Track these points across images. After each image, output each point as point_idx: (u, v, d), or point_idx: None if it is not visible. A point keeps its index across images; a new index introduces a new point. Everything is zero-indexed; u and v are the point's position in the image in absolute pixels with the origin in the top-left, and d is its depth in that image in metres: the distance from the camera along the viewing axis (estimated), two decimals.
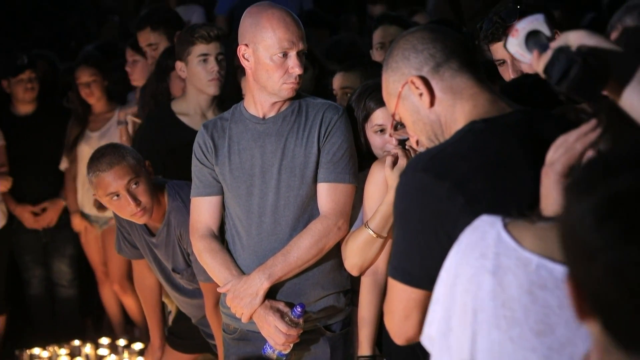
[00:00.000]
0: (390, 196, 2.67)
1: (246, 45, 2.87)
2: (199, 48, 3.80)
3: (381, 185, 2.75)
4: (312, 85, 3.88)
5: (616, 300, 1.10)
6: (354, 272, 2.85)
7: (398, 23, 4.27)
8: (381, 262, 2.79)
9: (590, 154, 1.53)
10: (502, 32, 2.77)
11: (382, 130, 2.90)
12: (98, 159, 3.27)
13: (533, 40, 1.69)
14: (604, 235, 1.10)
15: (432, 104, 1.97)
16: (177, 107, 3.96)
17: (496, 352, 1.49)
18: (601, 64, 1.53)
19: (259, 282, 2.88)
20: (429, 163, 1.88)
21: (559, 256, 1.44)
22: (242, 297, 2.89)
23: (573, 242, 1.15)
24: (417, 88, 1.97)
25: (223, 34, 3.92)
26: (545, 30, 1.69)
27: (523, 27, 1.71)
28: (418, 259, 1.88)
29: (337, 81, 3.52)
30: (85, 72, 4.90)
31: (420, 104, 1.98)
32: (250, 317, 2.91)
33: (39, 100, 5.09)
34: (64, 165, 5.04)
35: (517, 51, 1.73)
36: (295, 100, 2.94)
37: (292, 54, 2.83)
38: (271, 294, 2.92)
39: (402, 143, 2.80)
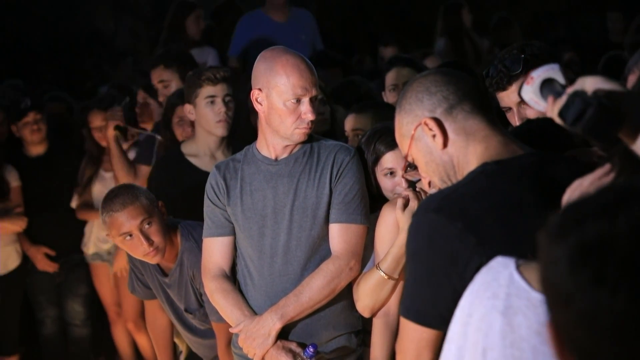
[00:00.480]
0: (402, 238, 2.67)
1: (259, 89, 2.90)
2: (206, 90, 3.84)
3: (392, 227, 2.75)
4: (330, 121, 3.92)
5: (591, 346, 1.11)
6: (366, 314, 2.85)
7: (411, 65, 4.30)
8: (393, 304, 2.79)
9: None
10: (506, 82, 2.77)
11: (392, 173, 2.92)
12: (111, 199, 3.29)
13: (548, 87, 1.70)
14: (576, 281, 1.12)
15: (445, 145, 1.99)
16: (186, 148, 4.01)
17: None
18: (617, 107, 1.54)
19: (271, 323, 2.89)
20: (441, 204, 1.89)
21: None
22: (254, 337, 2.90)
23: (549, 287, 1.17)
24: (430, 129, 1.99)
25: (230, 75, 3.97)
26: (560, 78, 1.70)
27: (538, 74, 1.73)
28: (430, 298, 1.89)
29: (349, 123, 3.55)
30: (98, 117, 4.94)
31: (433, 145, 2.00)
32: (262, 358, 2.92)
33: (49, 140, 5.13)
34: (74, 203, 5.07)
35: (531, 98, 1.74)
36: (307, 141, 2.97)
37: (305, 100, 2.86)
38: (283, 334, 2.93)
39: (412, 185, 2.82)
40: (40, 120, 5.02)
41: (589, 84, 1.61)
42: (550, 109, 1.66)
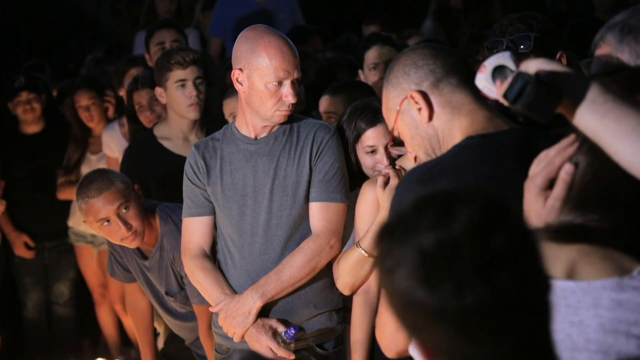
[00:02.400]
0: (382, 216, 2.67)
1: (240, 69, 2.87)
2: (176, 74, 3.81)
3: (372, 205, 2.75)
4: (305, 100, 3.91)
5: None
6: (346, 292, 2.85)
7: (390, 43, 4.27)
8: (373, 281, 2.79)
9: (567, 166, 1.56)
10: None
11: (373, 151, 2.92)
12: (86, 185, 3.24)
13: (499, 74, 1.74)
14: (401, 280, 1.20)
15: (430, 118, 2.00)
16: (159, 131, 3.97)
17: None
18: (555, 84, 1.60)
19: (252, 301, 2.89)
20: (425, 175, 1.92)
21: None
22: (234, 316, 2.90)
23: (383, 281, 1.25)
24: (416, 103, 2.00)
25: (200, 57, 3.93)
26: (511, 65, 1.74)
27: (490, 62, 1.76)
28: None
29: (322, 105, 3.52)
30: (84, 96, 4.89)
31: (419, 118, 2.01)
32: (243, 337, 2.92)
33: (45, 119, 5.10)
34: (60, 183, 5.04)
35: (485, 86, 1.77)
36: (286, 121, 2.95)
37: (287, 82, 2.83)
38: (263, 312, 2.93)
39: (392, 163, 2.81)
40: (33, 100, 4.98)
41: (532, 65, 1.65)
42: (499, 91, 1.69)
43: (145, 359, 3.79)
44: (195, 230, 3.03)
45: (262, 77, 2.82)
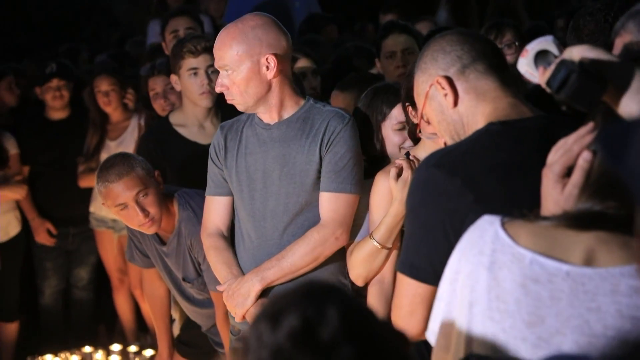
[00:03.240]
0: (395, 207, 2.67)
1: None
2: (189, 62, 3.82)
3: (386, 196, 2.73)
4: (321, 93, 3.91)
5: None
6: (359, 283, 2.83)
7: (407, 31, 4.26)
8: (387, 271, 2.78)
9: (585, 154, 1.57)
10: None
11: (403, 128, 2.91)
12: (107, 169, 3.27)
13: (541, 59, 1.74)
14: None
15: (455, 104, 2.02)
16: (174, 118, 3.99)
17: (489, 342, 1.55)
18: (599, 73, 1.59)
19: (251, 284, 2.91)
20: (442, 160, 1.93)
21: (553, 252, 1.51)
22: (235, 296, 2.94)
23: None
24: (442, 88, 2.03)
25: (212, 45, 3.94)
26: (554, 50, 1.73)
27: (532, 47, 1.77)
28: (425, 253, 1.92)
29: (333, 100, 3.52)
30: (105, 82, 4.93)
31: (445, 104, 2.04)
32: (243, 318, 2.95)
33: (72, 106, 5.12)
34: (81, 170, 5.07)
35: (526, 70, 1.78)
36: (303, 107, 2.95)
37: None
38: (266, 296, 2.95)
39: (407, 154, 2.81)
40: (63, 87, 5.02)
41: (576, 52, 1.65)
42: (541, 78, 1.69)
43: (161, 345, 3.82)
44: (213, 209, 3.07)
45: None
